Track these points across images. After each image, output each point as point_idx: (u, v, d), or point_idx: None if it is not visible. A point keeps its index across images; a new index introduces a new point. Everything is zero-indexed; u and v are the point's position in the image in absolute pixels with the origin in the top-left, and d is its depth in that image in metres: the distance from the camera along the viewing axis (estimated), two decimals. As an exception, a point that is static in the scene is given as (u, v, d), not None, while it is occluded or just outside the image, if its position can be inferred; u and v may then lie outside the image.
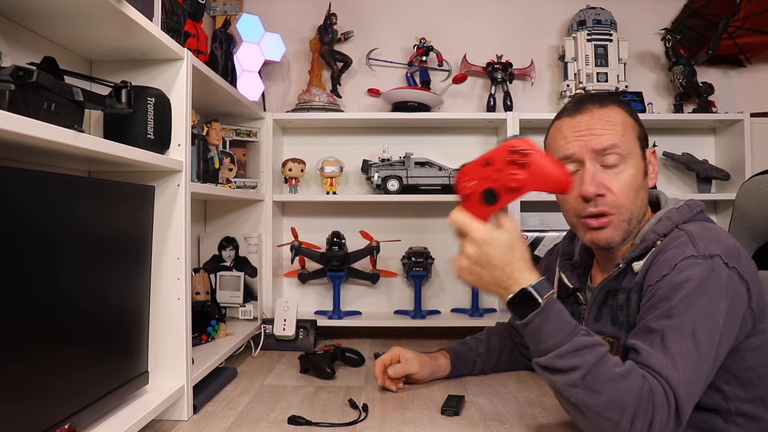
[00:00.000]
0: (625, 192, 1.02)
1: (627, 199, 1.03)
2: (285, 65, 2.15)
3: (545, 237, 1.99)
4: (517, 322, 0.93)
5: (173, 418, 1.15)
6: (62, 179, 0.89)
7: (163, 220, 1.17)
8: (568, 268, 1.20)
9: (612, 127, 1.04)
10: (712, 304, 0.90)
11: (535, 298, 0.89)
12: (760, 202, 1.22)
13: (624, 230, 1.04)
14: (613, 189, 1.02)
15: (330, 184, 1.99)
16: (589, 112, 1.06)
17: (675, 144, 2.10)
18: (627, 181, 1.03)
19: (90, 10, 0.93)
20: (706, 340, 0.88)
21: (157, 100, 1.12)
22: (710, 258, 0.92)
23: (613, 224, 1.04)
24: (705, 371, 0.88)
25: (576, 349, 0.87)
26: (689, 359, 0.87)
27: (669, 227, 1.02)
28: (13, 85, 0.72)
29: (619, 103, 1.08)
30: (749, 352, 0.96)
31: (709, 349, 0.88)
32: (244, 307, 1.84)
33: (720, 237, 0.97)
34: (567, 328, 0.89)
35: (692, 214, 1.04)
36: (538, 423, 1.12)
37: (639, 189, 1.04)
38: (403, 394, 1.32)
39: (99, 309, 0.96)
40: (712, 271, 0.91)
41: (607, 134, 1.03)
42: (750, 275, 0.94)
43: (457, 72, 2.12)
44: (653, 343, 0.89)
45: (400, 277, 2.09)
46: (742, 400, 0.96)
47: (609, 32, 2.01)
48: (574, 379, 0.86)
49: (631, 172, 1.03)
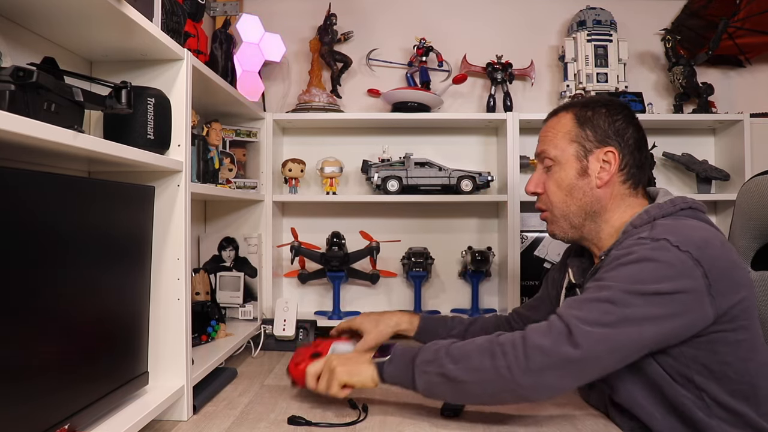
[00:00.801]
0: (554, 191, 1.15)
1: (557, 198, 1.15)
2: (285, 65, 2.15)
3: (545, 237, 1.99)
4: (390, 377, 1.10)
5: (173, 419, 1.15)
6: (62, 179, 0.89)
7: (163, 221, 1.17)
8: (576, 264, 1.23)
9: (550, 134, 1.17)
10: (642, 273, 0.94)
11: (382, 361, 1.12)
12: (761, 202, 1.22)
13: (561, 227, 1.16)
14: (547, 188, 1.17)
15: (330, 185, 1.99)
16: (549, 119, 1.20)
17: (675, 144, 2.10)
18: (558, 181, 1.15)
19: (90, 10, 0.93)
20: (623, 303, 0.93)
21: (157, 101, 1.12)
22: (656, 241, 0.96)
23: (550, 219, 1.18)
24: (613, 326, 0.92)
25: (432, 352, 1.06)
26: (597, 308, 0.94)
27: (645, 220, 1.06)
28: (13, 86, 0.71)
29: (574, 111, 1.16)
30: (724, 345, 0.97)
31: (625, 309, 0.93)
32: (244, 308, 1.84)
33: (685, 230, 0.99)
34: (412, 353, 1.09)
35: (673, 209, 1.05)
36: (538, 423, 1.12)
37: (572, 189, 1.13)
38: (403, 394, 1.32)
39: (99, 309, 0.96)
40: (652, 251, 0.95)
41: (544, 141, 1.18)
42: (713, 264, 0.94)
43: (457, 72, 2.12)
44: (569, 302, 1.00)
45: (400, 277, 2.09)
46: (718, 394, 0.97)
47: (609, 33, 2.01)
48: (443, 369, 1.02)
49: (562, 173, 1.14)
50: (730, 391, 0.97)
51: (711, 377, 0.97)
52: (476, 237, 2.10)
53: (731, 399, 0.97)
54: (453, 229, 2.10)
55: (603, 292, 0.96)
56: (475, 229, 2.11)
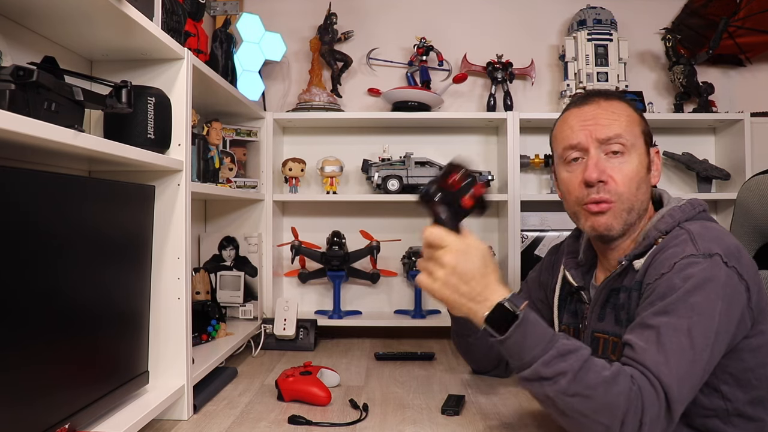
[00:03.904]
0: (627, 182, 1.03)
1: (628, 189, 1.04)
2: (285, 65, 2.15)
3: (545, 237, 1.99)
4: (494, 339, 0.91)
5: (173, 418, 1.15)
6: (62, 179, 0.89)
7: (164, 220, 1.17)
8: (573, 266, 1.20)
9: (617, 117, 1.06)
10: (710, 302, 0.89)
11: (512, 311, 0.89)
12: (762, 201, 1.22)
13: (623, 220, 1.05)
14: (615, 177, 1.04)
15: (330, 184, 1.98)
16: (595, 103, 1.09)
17: (675, 144, 2.10)
18: (629, 171, 1.04)
19: (90, 9, 0.93)
20: (702, 338, 0.88)
21: (158, 100, 1.12)
22: (710, 257, 0.92)
23: (612, 211, 1.04)
24: (699, 369, 0.88)
25: (560, 354, 0.87)
26: (683, 357, 0.86)
27: (671, 225, 1.02)
28: (13, 85, 0.71)
29: (624, 100, 1.11)
30: (748, 352, 0.96)
31: (705, 347, 0.87)
32: (244, 307, 1.84)
33: (721, 236, 0.97)
34: (547, 335, 0.89)
35: (694, 212, 1.04)
36: (538, 423, 1.12)
37: (641, 182, 1.05)
38: (403, 393, 1.32)
39: (99, 309, 0.96)
40: (710, 269, 0.91)
41: (613, 124, 1.05)
42: (750, 275, 0.94)
43: (458, 72, 2.12)
44: (648, 339, 0.89)
45: (400, 276, 2.08)
46: (740, 401, 0.96)
47: (609, 32, 2.01)
48: (562, 385, 0.85)
49: (634, 163, 1.05)
50: (750, 398, 0.96)
51: (737, 385, 0.96)
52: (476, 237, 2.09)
53: (749, 406, 0.96)
54: (453, 229, 2.10)
55: (682, 339, 0.87)
56: (474, 228, 2.10)
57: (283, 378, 1.28)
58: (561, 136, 1.12)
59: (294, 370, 1.31)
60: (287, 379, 1.27)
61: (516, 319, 0.88)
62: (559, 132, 1.13)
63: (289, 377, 1.27)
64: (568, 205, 1.12)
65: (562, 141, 1.11)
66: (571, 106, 1.13)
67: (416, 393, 1.32)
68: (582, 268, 1.19)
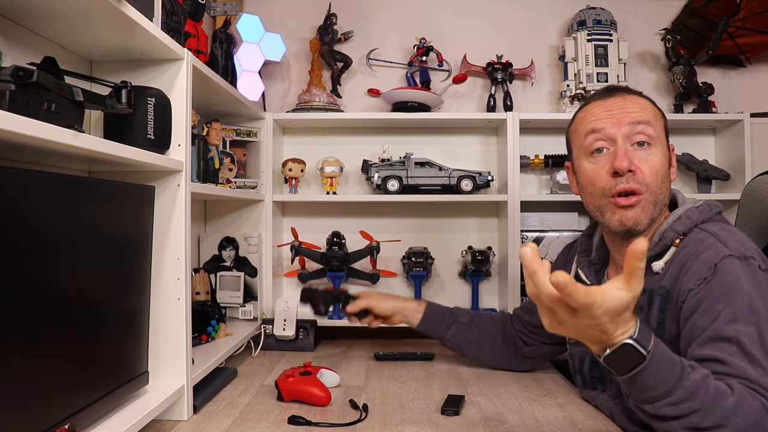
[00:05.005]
0: (654, 174, 1.03)
1: (655, 181, 1.03)
2: (285, 65, 2.15)
3: (545, 237, 1.99)
4: (618, 378, 0.79)
5: (173, 418, 1.15)
6: (62, 179, 0.89)
7: (163, 220, 1.17)
8: (586, 265, 1.19)
9: (644, 108, 1.07)
10: (765, 306, 0.89)
11: (639, 350, 0.74)
12: (764, 202, 1.22)
13: (650, 214, 1.03)
14: (642, 168, 1.02)
15: (330, 184, 1.98)
16: (620, 95, 1.09)
17: (675, 144, 2.04)
18: (656, 163, 1.04)
19: (90, 10, 0.93)
20: None
21: (157, 100, 1.12)
22: (746, 259, 0.93)
23: (641, 204, 1.02)
24: None
25: (690, 394, 0.78)
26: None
27: (688, 226, 1.01)
28: (13, 85, 0.71)
29: (646, 96, 1.13)
30: None
31: None
32: (244, 307, 1.84)
33: (744, 239, 0.97)
34: (675, 372, 0.79)
35: (711, 214, 1.04)
36: (538, 423, 1.12)
37: (665, 176, 1.05)
38: (403, 393, 1.32)
39: (99, 309, 0.96)
40: (753, 272, 0.91)
41: (640, 112, 1.06)
42: None
43: (457, 72, 2.12)
44: (732, 352, 0.86)
45: (400, 277, 2.08)
46: None
47: (609, 32, 2.01)
48: (694, 422, 0.79)
49: (659, 156, 1.05)
50: None
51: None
52: (476, 237, 2.10)
53: None
54: (453, 229, 2.10)
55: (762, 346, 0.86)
56: (475, 228, 2.11)
57: (282, 378, 1.28)
58: (583, 124, 1.09)
59: (294, 370, 1.31)
60: (287, 379, 1.27)
61: (643, 359, 0.75)
62: (581, 122, 1.11)
63: (288, 377, 1.27)
64: (591, 198, 1.08)
65: (584, 129, 1.08)
66: (593, 99, 1.12)
67: (416, 393, 1.32)
68: (594, 266, 1.19)
